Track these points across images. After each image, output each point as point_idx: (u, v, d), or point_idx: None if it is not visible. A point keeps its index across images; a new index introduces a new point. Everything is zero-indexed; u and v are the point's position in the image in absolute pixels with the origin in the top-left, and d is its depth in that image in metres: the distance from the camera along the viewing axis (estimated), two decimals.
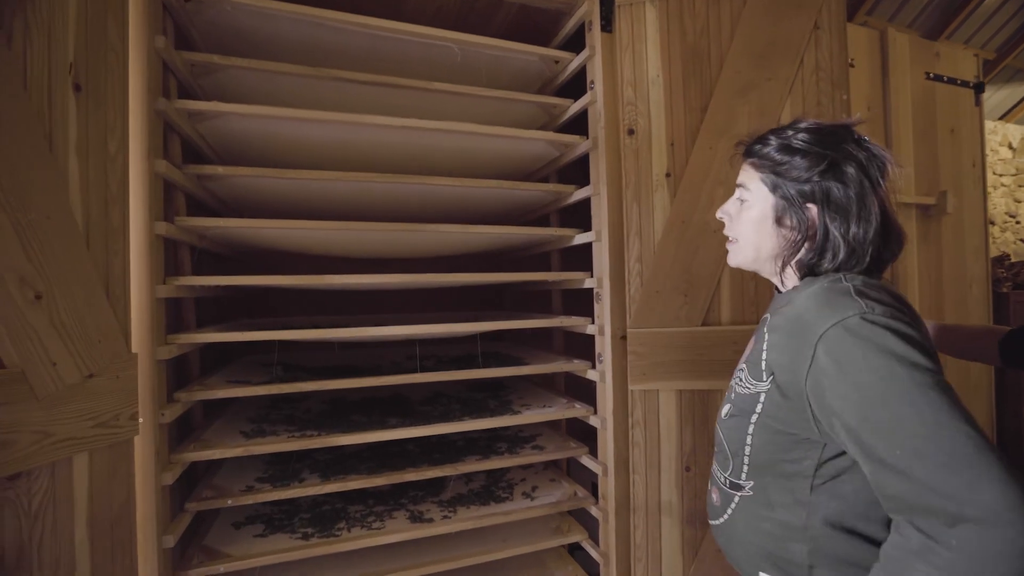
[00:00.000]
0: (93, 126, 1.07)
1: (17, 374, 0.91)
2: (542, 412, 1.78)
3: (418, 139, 1.62)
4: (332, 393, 2.12)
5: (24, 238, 0.92)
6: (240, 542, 1.49)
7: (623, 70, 1.60)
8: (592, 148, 1.68)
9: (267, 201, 1.71)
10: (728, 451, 0.96)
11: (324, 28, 1.52)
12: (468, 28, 1.98)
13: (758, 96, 1.59)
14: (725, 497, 0.97)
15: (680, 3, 1.61)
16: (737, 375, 0.97)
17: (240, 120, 1.43)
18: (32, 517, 0.92)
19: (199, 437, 1.49)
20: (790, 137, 0.93)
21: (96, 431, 1.03)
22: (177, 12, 1.40)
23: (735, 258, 1.02)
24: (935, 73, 2.25)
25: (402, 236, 1.59)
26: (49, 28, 0.98)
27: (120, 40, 1.14)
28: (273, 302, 2.38)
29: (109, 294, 1.08)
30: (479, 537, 1.76)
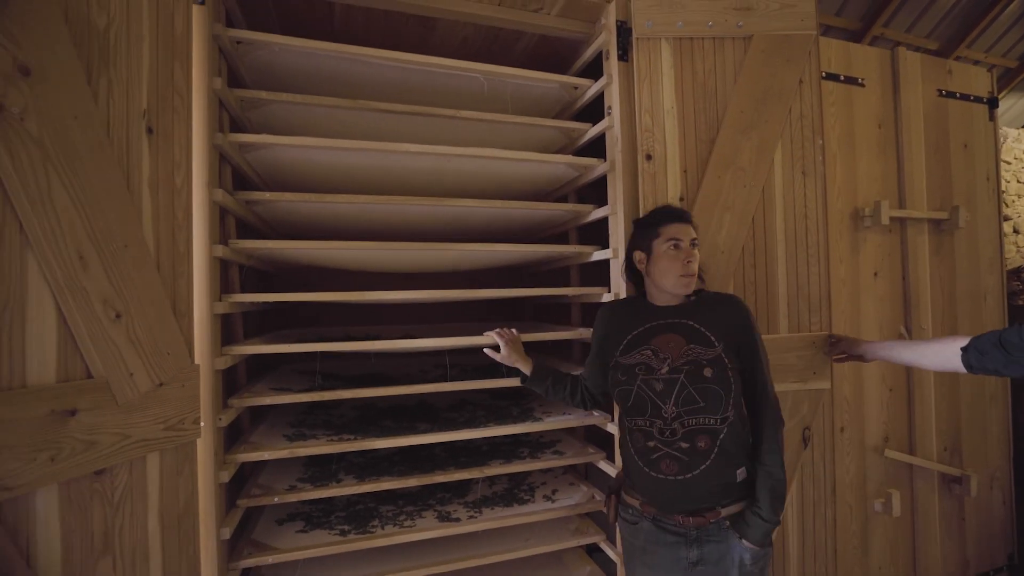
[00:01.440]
0: (162, 163, 1.21)
1: (102, 383, 1.04)
2: (562, 419, 1.88)
3: (446, 164, 1.73)
4: (364, 400, 2.25)
5: (107, 265, 1.06)
6: (284, 537, 1.61)
7: (641, 98, 1.70)
8: (610, 170, 1.78)
9: (307, 222, 1.85)
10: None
11: (359, 63, 1.65)
12: (491, 56, 2.11)
13: (758, 135, 1.74)
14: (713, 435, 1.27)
15: (691, 43, 1.73)
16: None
17: (285, 150, 1.57)
18: (115, 507, 1.06)
19: (248, 440, 1.63)
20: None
21: (166, 433, 1.16)
22: (230, 54, 1.55)
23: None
24: (947, 90, 2.30)
25: (432, 255, 1.71)
26: (127, 82, 1.12)
27: (185, 84, 1.28)
28: (308, 313, 2.52)
29: (175, 311, 1.22)
30: (502, 537, 1.86)
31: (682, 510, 1.27)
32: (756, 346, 1.34)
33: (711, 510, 1.27)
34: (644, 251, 1.39)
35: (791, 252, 1.77)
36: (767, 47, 1.75)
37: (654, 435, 1.28)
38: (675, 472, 1.25)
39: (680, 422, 1.26)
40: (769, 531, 1.25)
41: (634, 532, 1.35)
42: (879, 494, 2.10)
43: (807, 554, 1.78)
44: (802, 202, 1.77)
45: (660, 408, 1.27)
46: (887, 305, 2.15)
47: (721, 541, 1.27)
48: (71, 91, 1.00)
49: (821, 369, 1.74)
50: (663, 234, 1.35)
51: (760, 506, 1.25)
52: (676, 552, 1.28)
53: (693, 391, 1.26)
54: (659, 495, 1.28)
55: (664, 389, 1.27)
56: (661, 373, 1.28)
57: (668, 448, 1.26)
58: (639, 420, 1.30)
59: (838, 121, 2.09)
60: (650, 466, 1.28)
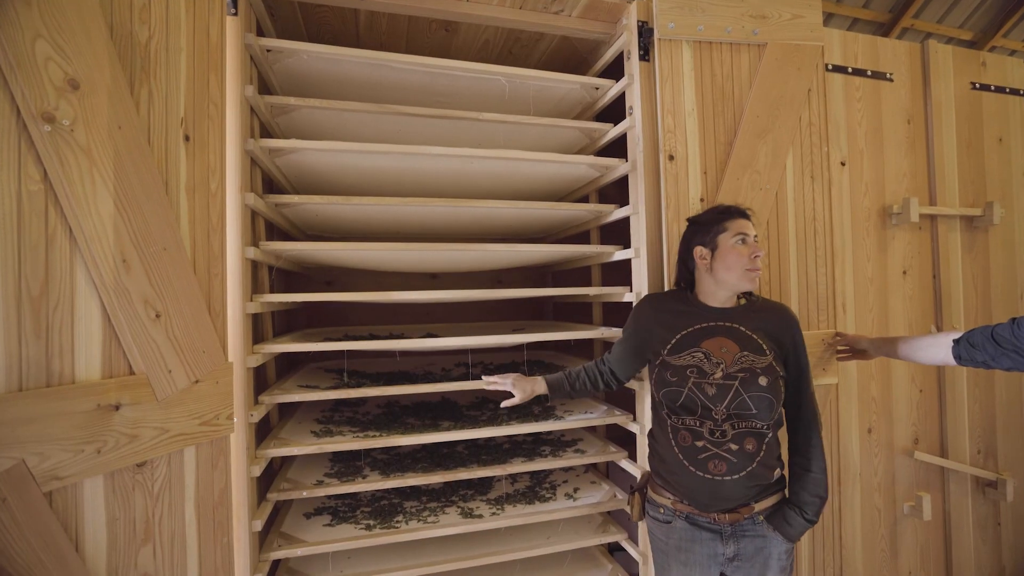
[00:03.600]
0: (199, 169, 1.26)
1: (143, 380, 1.10)
2: (584, 418, 1.89)
3: (469, 165, 1.76)
4: (387, 398, 2.29)
5: (148, 267, 1.11)
6: (312, 530, 1.66)
7: (663, 99, 1.71)
8: (631, 170, 1.79)
9: (334, 224, 1.90)
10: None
11: (385, 68, 1.69)
12: (513, 59, 2.13)
13: (773, 139, 1.77)
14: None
15: (710, 47, 1.75)
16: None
17: (312, 154, 1.61)
18: (154, 498, 1.11)
19: (277, 436, 1.68)
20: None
21: (201, 428, 1.21)
22: (260, 61, 1.60)
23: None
24: (981, 83, 2.24)
25: (455, 255, 1.74)
26: (166, 92, 1.18)
27: (219, 93, 1.33)
28: (333, 311, 2.58)
29: (210, 311, 1.27)
30: (524, 534, 1.88)
31: (719, 508, 1.28)
32: (804, 359, 1.37)
33: (745, 506, 1.29)
34: (708, 247, 1.36)
35: (801, 254, 1.81)
36: (780, 55, 1.79)
37: (704, 435, 1.28)
38: (723, 472, 1.26)
39: (730, 424, 1.27)
40: (808, 529, 1.29)
41: (667, 531, 1.36)
42: (909, 497, 2.06)
43: (816, 541, 1.84)
44: (811, 206, 1.83)
45: (711, 410, 1.28)
46: (916, 304, 2.10)
47: (756, 536, 1.30)
48: (116, 102, 1.05)
49: (829, 366, 1.78)
50: (730, 228, 1.34)
51: (806, 509, 1.29)
52: (712, 548, 1.29)
53: (747, 398, 1.26)
54: (701, 494, 1.29)
55: (717, 394, 1.27)
56: (715, 378, 1.28)
57: (717, 449, 1.27)
58: (688, 419, 1.31)
59: (865, 117, 2.05)
60: (697, 465, 1.29)
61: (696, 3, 1.73)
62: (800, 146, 1.82)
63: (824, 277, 1.82)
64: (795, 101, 1.81)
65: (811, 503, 1.29)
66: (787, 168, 1.79)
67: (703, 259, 1.37)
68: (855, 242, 2.01)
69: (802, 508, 1.28)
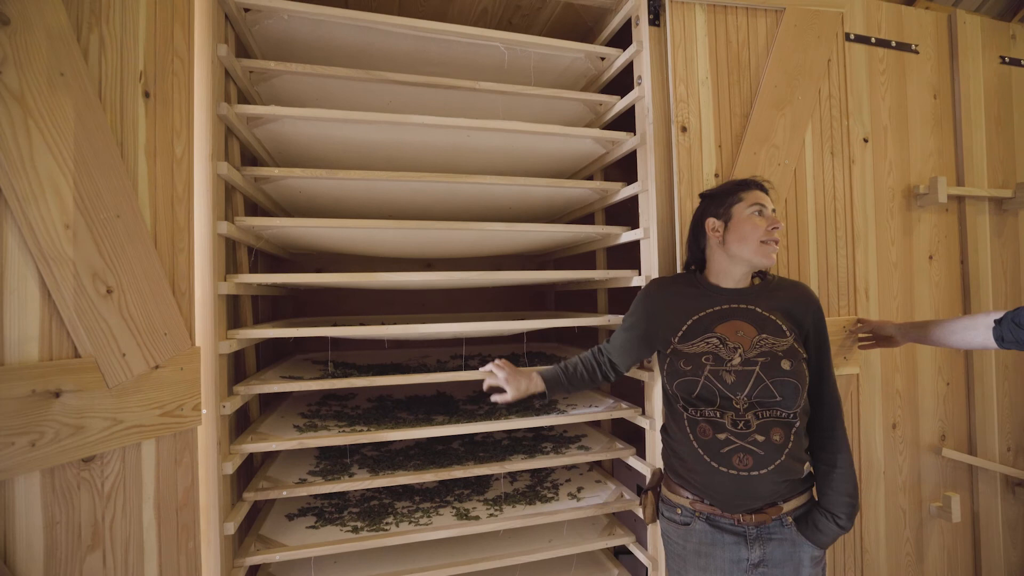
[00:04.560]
0: (160, 130, 1.13)
1: (90, 363, 0.96)
2: (588, 412, 1.76)
3: (465, 139, 1.63)
4: (379, 391, 2.16)
5: (96, 236, 0.98)
6: (294, 533, 1.53)
7: (676, 67, 1.58)
8: (640, 144, 1.65)
9: (320, 204, 1.76)
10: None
11: (373, 32, 1.56)
12: (512, 28, 2.00)
13: (792, 111, 1.65)
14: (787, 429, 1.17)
15: (725, 12, 1.63)
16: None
17: (294, 123, 1.48)
18: (105, 498, 0.98)
19: (256, 430, 1.55)
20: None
21: (162, 420, 1.08)
22: (237, 22, 1.47)
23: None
24: (1011, 57, 2.10)
25: (451, 235, 1.60)
26: (121, 40, 1.04)
27: (186, 48, 1.20)
28: (322, 300, 2.44)
29: (174, 290, 1.14)
30: (524, 536, 1.75)
31: (745, 508, 1.15)
32: (824, 338, 1.24)
33: (773, 506, 1.16)
34: (721, 218, 1.25)
35: (821, 235, 1.69)
36: (799, 22, 1.67)
37: (726, 427, 1.15)
38: (748, 467, 1.13)
39: (754, 413, 1.15)
40: (840, 535, 1.16)
41: (685, 534, 1.23)
42: (935, 497, 1.93)
43: (836, 543, 1.68)
44: (831, 184, 1.71)
45: (731, 399, 1.15)
46: (943, 291, 1.97)
47: (785, 540, 1.17)
48: (57, 44, 0.92)
49: (850, 355, 1.66)
50: (746, 199, 1.23)
51: (838, 514, 1.16)
52: (736, 553, 1.16)
53: (770, 384, 1.14)
54: (724, 491, 1.16)
55: (737, 381, 1.15)
56: (733, 364, 1.16)
57: (742, 441, 1.14)
58: (707, 411, 1.18)
59: (889, 91, 1.92)
60: (719, 460, 1.15)
61: None
62: (820, 120, 1.69)
63: (845, 260, 1.70)
64: (814, 72, 1.68)
65: (841, 505, 1.16)
66: (806, 143, 1.66)
67: (715, 231, 1.25)
68: (878, 224, 1.87)
69: (833, 513, 1.15)
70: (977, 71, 2.03)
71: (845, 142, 1.73)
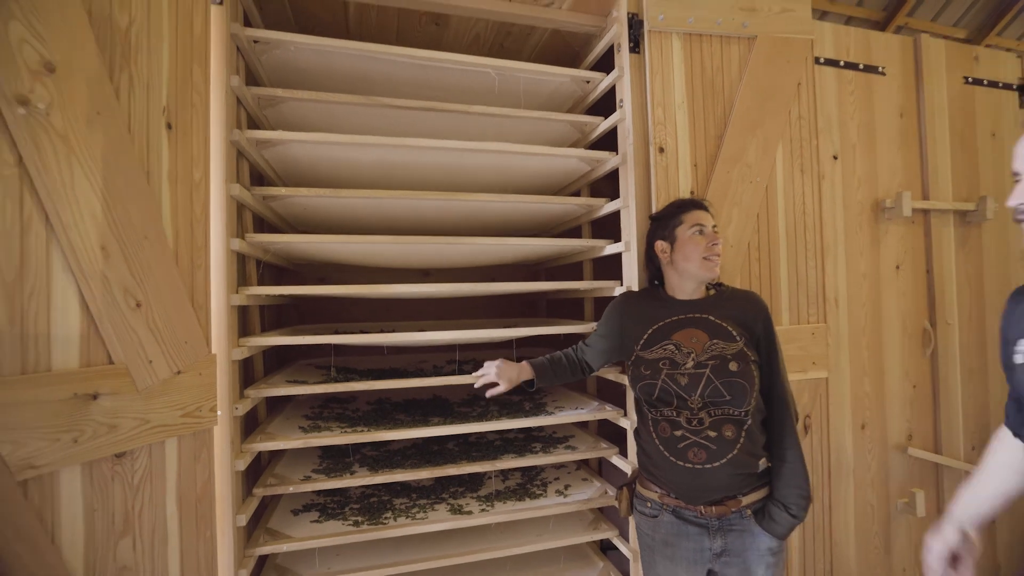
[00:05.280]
0: (181, 158, 1.25)
1: (122, 369, 1.08)
2: (574, 414, 1.88)
3: (460, 159, 1.75)
4: (378, 394, 2.27)
5: (128, 256, 1.10)
6: (299, 526, 1.64)
7: (653, 91, 1.70)
8: (622, 163, 1.78)
9: (323, 218, 1.88)
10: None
11: (374, 60, 1.68)
12: (504, 52, 2.12)
13: (763, 133, 1.78)
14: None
15: (700, 40, 1.75)
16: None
17: (300, 146, 1.60)
18: (134, 490, 1.09)
19: (264, 430, 1.66)
20: None
21: (183, 420, 1.20)
22: (247, 52, 1.59)
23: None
24: (974, 77, 2.23)
25: (447, 248, 1.72)
26: (148, 79, 1.16)
27: (203, 82, 1.32)
28: (323, 308, 2.56)
29: (193, 302, 1.25)
30: (515, 531, 1.86)
31: (706, 500, 1.26)
32: (774, 342, 1.36)
33: (732, 499, 1.27)
34: (667, 240, 1.40)
35: (791, 248, 1.81)
36: (770, 49, 1.79)
37: (681, 424, 1.28)
38: (703, 460, 1.25)
39: (706, 411, 1.26)
40: (795, 526, 1.26)
41: (654, 526, 1.35)
42: (903, 493, 2.05)
43: (806, 537, 1.84)
44: (801, 200, 1.83)
45: (686, 400, 1.27)
46: (910, 299, 2.09)
47: (744, 531, 1.28)
48: (94, 88, 1.04)
49: (820, 359, 1.79)
50: (687, 220, 1.37)
51: (789, 504, 1.26)
52: (699, 543, 1.28)
53: (719, 385, 1.26)
54: (685, 484, 1.28)
55: (690, 383, 1.27)
56: (686, 368, 1.29)
57: (696, 437, 1.26)
58: (665, 411, 1.31)
59: (857, 111, 2.05)
60: (677, 455, 1.27)
61: None
62: (790, 140, 1.82)
63: (814, 271, 1.82)
64: (785, 95, 1.80)
65: (792, 496, 1.27)
66: (777, 161, 1.79)
67: (664, 253, 1.41)
68: (848, 236, 2.00)
69: (785, 504, 1.26)
70: (941, 91, 2.16)
71: (814, 160, 1.86)
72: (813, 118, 1.86)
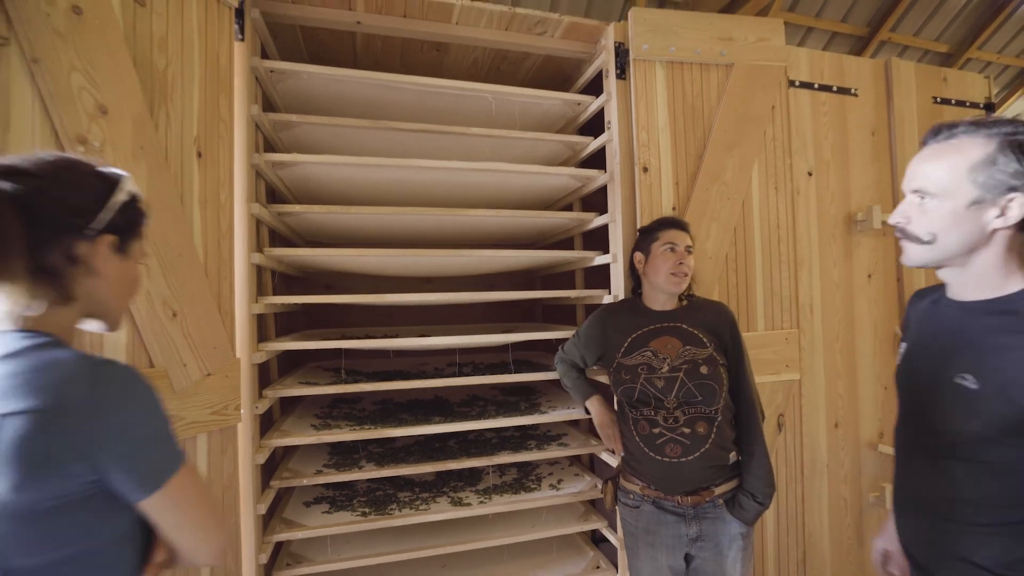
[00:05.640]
0: (210, 182, 1.39)
1: (161, 372, 1.22)
2: (566, 412, 2.02)
3: (459, 176, 1.89)
4: (383, 395, 2.42)
5: (166, 271, 1.24)
6: (311, 517, 1.79)
7: (638, 115, 1.84)
8: (609, 181, 1.92)
9: (332, 231, 2.02)
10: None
11: (380, 87, 1.82)
12: (500, 75, 2.27)
13: (740, 152, 1.91)
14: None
15: (681, 67, 1.89)
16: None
17: (313, 167, 1.74)
18: None
19: (279, 428, 1.80)
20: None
21: (212, 417, 1.34)
22: (264, 81, 1.73)
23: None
24: (943, 97, 2.38)
25: (447, 260, 1.87)
26: (182, 114, 1.31)
27: (228, 112, 1.46)
28: (331, 313, 2.70)
29: (220, 311, 1.40)
30: (512, 522, 2.00)
31: (682, 490, 1.40)
32: (740, 347, 1.50)
33: (706, 489, 1.40)
34: (643, 253, 1.55)
35: (766, 259, 1.95)
36: (746, 75, 1.93)
37: (659, 422, 1.42)
38: (679, 454, 1.39)
39: (681, 410, 1.40)
40: (762, 513, 1.40)
41: (636, 515, 1.49)
42: (874, 488, 2.19)
43: (780, 525, 1.98)
44: (775, 215, 1.97)
45: (662, 400, 1.42)
46: (881, 307, 2.23)
47: (716, 518, 1.42)
48: (138, 125, 1.18)
49: (793, 363, 1.94)
50: (661, 238, 1.51)
51: (756, 493, 1.40)
52: (677, 530, 1.41)
53: (692, 386, 1.40)
54: (663, 477, 1.42)
55: (665, 386, 1.41)
56: (662, 372, 1.43)
57: (672, 433, 1.40)
58: (645, 411, 1.45)
59: (831, 130, 2.19)
60: (655, 450, 1.42)
61: (668, 26, 1.87)
62: (765, 159, 1.96)
63: (788, 281, 1.96)
64: (760, 117, 1.95)
65: (758, 485, 1.41)
66: (753, 179, 1.93)
67: (639, 263, 1.56)
68: (822, 248, 2.14)
69: (752, 492, 1.40)
70: (911, 111, 2.31)
71: (788, 177, 2.01)
72: (787, 139, 2.01)
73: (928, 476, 0.97)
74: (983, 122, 0.88)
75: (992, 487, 0.88)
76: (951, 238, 0.90)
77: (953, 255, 0.92)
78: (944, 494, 0.94)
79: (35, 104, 1.01)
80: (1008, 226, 0.87)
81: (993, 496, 0.88)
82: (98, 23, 1.10)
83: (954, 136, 0.91)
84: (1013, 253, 0.89)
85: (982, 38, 4.34)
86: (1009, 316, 0.87)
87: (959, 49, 4.48)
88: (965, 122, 0.90)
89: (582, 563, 2.04)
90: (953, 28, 4.43)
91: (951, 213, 0.89)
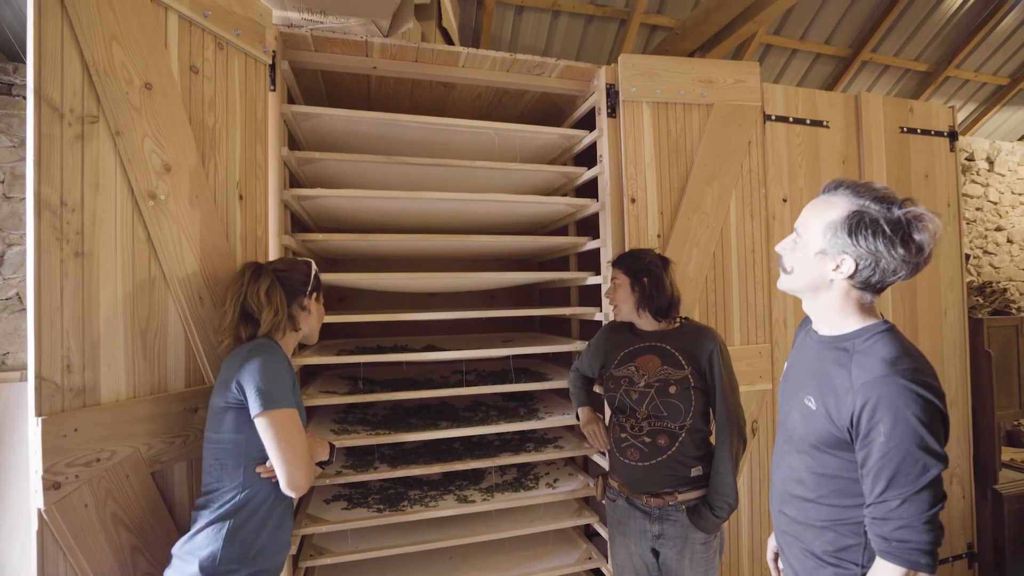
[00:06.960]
0: (248, 220, 1.59)
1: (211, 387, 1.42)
2: (563, 418, 2.22)
3: (464, 205, 2.09)
4: (394, 401, 2.62)
5: (215, 302, 1.44)
6: (332, 513, 1.99)
7: (627, 151, 2.04)
8: (601, 209, 2.12)
9: (351, 253, 2.22)
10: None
11: (393, 125, 2.02)
12: (501, 108, 2.47)
13: (719, 184, 2.11)
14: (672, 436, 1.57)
15: (666, 107, 2.08)
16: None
17: (336, 200, 1.94)
18: None
19: None
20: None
21: None
22: (290, 122, 1.93)
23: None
24: (909, 127, 2.58)
25: (454, 280, 2.07)
26: (227, 163, 1.51)
27: (264, 157, 1.66)
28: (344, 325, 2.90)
29: None
30: (511, 517, 2.21)
31: (645, 491, 1.60)
32: (717, 373, 1.57)
33: (669, 494, 1.58)
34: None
35: (742, 280, 2.14)
36: (725, 114, 2.13)
37: (627, 429, 1.62)
38: (636, 459, 1.59)
39: (648, 422, 1.60)
40: (719, 525, 1.56)
41: (614, 508, 1.69)
42: None
43: (755, 523, 2.17)
44: (750, 239, 2.15)
45: (635, 411, 1.61)
46: None
47: (678, 522, 1.57)
48: (194, 177, 1.38)
49: (765, 374, 2.13)
50: (611, 275, 1.75)
51: (715, 507, 1.53)
52: (643, 526, 1.61)
53: (659, 403, 1.58)
54: (626, 477, 1.63)
55: (639, 398, 1.61)
56: (639, 386, 1.62)
57: (634, 440, 1.60)
58: (620, 417, 1.65)
59: (804, 159, 2.39)
60: (621, 453, 1.63)
61: (655, 71, 2.08)
62: (742, 189, 2.16)
63: (762, 300, 2.16)
64: (738, 151, 2.15)
65: (718, 500, 1.52)
66: (730, 208, 2.13)
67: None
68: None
69: (712, 506, 1.53)
70: (880, 140, 2.51)
71: (763, 205, 2.21)
72: (761, 171, 2.21)
73: (788, 475, 1.17)
74: (860, 189, 1.02)
75: (821, 488, 1.08)
76: (803, 275, 1.07)
77: (803, 289, 1.10)
78: (794, 492, 1.14)
79: (117, 168, 1.21)
80: (842, 279, 1.02)
81: (823, 496, 1.08)
82: (163, 94, 1.30)
83: (836, 194, 1.05)
84: (850, 299, 1.05)
85: (960, 57, 4.54)
86: (840, 352, 1.05)
87: (938, 68, 4.69)
88: (848, 184, 1.04)
89: (576, 554, 2.25)
90: (932, 48, 4.63)
91: (804, 256, 1.06)
